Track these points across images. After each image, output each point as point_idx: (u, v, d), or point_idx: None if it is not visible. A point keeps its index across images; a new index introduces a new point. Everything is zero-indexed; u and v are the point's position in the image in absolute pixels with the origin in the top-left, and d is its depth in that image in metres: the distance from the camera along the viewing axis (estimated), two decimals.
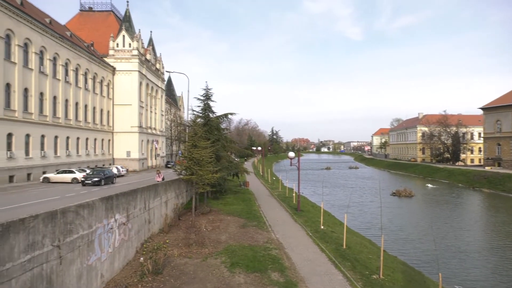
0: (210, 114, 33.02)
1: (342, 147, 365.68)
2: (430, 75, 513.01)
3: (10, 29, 35.74)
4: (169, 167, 66.82)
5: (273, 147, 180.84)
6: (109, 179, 36.07)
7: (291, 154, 31.53)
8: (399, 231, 31.46)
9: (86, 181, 33.30)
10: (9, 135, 35.35)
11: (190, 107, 68.12)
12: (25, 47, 38.41)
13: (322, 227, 23.22)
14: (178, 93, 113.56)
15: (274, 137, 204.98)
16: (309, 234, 21.21)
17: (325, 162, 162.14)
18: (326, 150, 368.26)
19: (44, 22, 42.64)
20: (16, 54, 36.57)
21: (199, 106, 32.82)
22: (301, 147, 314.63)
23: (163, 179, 30.08)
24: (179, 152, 70.07)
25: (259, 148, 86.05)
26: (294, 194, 35.68)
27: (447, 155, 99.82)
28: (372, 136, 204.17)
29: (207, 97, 32.95)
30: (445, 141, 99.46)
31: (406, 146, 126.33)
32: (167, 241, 17.57)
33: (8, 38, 35.67)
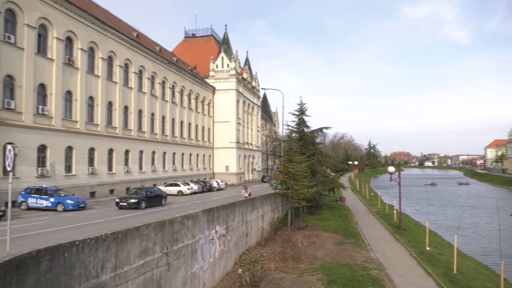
0: (305, 129, 33.07)
1: (449, 161, 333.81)
2: None
3: (128, 59, 40.71)
4: (265, 182, 68.28)
5: (371, 161, 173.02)
6: (154, 200, 28.37)
7: (391, 168, 29.78)
8: None
9: (121, 203, 25.95)
10: (126, 152, 39.87)
11: (285, 122, 69.28)
12: (140, 74, 43.31)
13: (427, 248, 21.34)
14: (273, 109, 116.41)
15: (372, 151, 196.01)
16: (413, 255, 19.64)
17: (430, 177, 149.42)
18: (430, 164, 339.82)
19: (155, 50, 47.70)
20: (133, 80, 41.44)
21: (293, 121, 33.16)
22: (401, 161, 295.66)
23: (249, 194, 30.25)
24: (275, 166, 71.35)
25: (356, 162, 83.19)
26: (395, 212, 33.53)
27: None
28: (485, 149, 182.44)
29: (301, 112, 33.13)
30: None
31: None
32: (264, 254, 17.85)
33: (126, 67, 40.67)
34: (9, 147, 11.76)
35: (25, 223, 18.61)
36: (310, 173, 27.52)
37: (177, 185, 40.86)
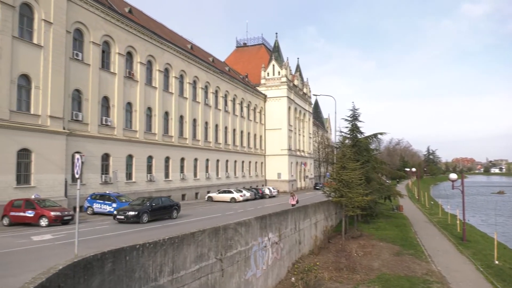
0: (358, 135, 32.24)
1: None
2: None
3: (183, 70, 42.39)
4: (317, 189, 67.31)
5: (430, 168, 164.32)
6: (162, 212, 23.86)
7: (453, 175, 28.04)
8: None
9: (118, 216, 21.72)
10: (182, 160, 41.33)
11: (338, 129, 67.97)
12: (194, 84, 44.86)
13: (496, 261, 19.75)
14: (325, 115, 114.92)
15: (430, 157, 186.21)
16: (480, 269, 18.27)
17: (497, 185, 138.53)
18: (497, 171, 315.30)
19: (208, 61, 49.23)
20: (187, 90, 43.04)
21: (346, 127, 32.47)
22: (464, 167, 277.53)
23: (297, 202, 29.58)
24: (327, 174, 70.20)
25: (413, 169, 79.40)
26: (458, 222, 31.47)
27: None
28: None
29: (354, 117, 32.37)
30: None
31: None
32: (317, 263, 17.56)
33: (181, 78, 42.36)
34: (77, 156, 12.71)
35: (91, 227, 19.89)
36: (365, 181, 26.72)
37: (230, 192, 41.54)
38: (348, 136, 32.03)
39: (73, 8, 27.91)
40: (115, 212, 22.42)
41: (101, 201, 26.21)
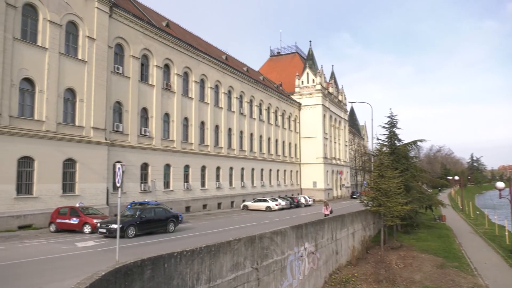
0: (397, 142, 31.38)
1: None
2: None
3: (218, 80, 43.14)
4: (354, 198, 65.89)
5: (474, 176, 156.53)
6: (154, 225, 20.97)
7: (500, 184, 26.55)
8: None
9: (100, 229, 19.19)
10: (217, 169, 41.84)
11: (375, 136, 66.58)
12: (229, 94, 45.51)
13: None
14: (361, 122, 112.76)
15: (474, 164, 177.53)
16: None
17: None
18: None
19: (242, 71, 49.85)
20: (223, 100, 43.72)
21: (384, 135, 31.73)
22: None
23: (331, 212, 28.77)
24: (364, 182, 68.60)
25: (456, 177, 75.97)
26: (506, 233, 29.69)
27: None
28: None
29: (392, 124, 31.56)
30: None
31: None
32: (356, 274, 17.13)
33: (216, 88, 43.12)
34: (118, 165, 13.21)
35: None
36: (404, 189, 25.89)
37: (265, 200, 41.51)
38: (386, 143, 31.25)
39: (114, 24, 29.26)
40: (98, 225, 19.57)
41: None
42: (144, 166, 31.66)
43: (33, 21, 23.31)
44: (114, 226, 18.12)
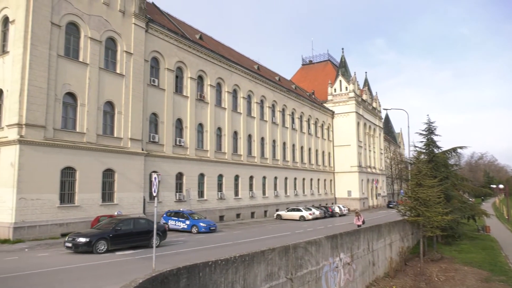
0: (435, 150, 30.30)
1: None
2: None
3: (251, 90, 43.54)
4: (391, 207, 64.02)
5: None
6: (133, 239, 18.63)
7: None
8: None
9: (67, 243, 17.00)
10: (251, 178, 41.99)
11: (411, 143, 64.60)
12: (261, 103, 45.76)
13: None
14: (396, 129, 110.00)
15: None
16: None
17: None
18: None
19: (274, 80, 50.07)
20: (255, 109, 44.01)
21: (421, 142, 30.73)
22: None
23: (363, 222, 27.76)
24: (401, 191, 66.51)
25: (501, 186, 72.15)
26: None
27: None
28: None
29: (430, 131, 30.54)
30: None
31: None
32: (394, 287, 16.57)
33: (249, 98, 43.50)
34: (154, 175, 13.57)
35: (167, 243, 20.87)
36: (444, 199, 24.86)
37: (299, 210, 41.13)
38: (424, 151, 30.24)
39: (150, 39, 30.32)
40: (66, 238, 17.64)
41: (176, 218, 27.50)
42: (179, 176, 32.29)
43: (76, 38, 24.59)
44: (82, 240, 16.60)
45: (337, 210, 47.05)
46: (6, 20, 23.40)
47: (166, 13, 38.32)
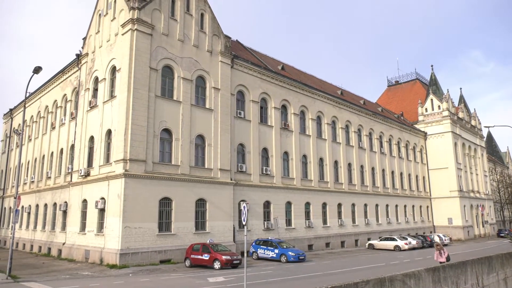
0: None
1: None
2: None
3: (335, 116, 43.06)
4: (502, 236, 56.65)
5: None
6: None
7: None
8: None
9: None
10: (339, 205, 40.76)
11: None
12: (346, 128, 44.84)
13: None
14: (502, 148, 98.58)
15: None
16: None
17: None
18: None
19: (359, 104, 48.91)
20: (340, 135, 43.25)
21: None
22: None
23: (447, 259, 21.30)
24: None
25: None
26: None
27: None
28: None
29: None
30: None
31: None
32: None
33: (333, 124, 42.99)
34: (243, 204, 13.99)
35: (256, 271, 21.05)
36: None
37: (393, 239, 38.55)
38: None
39: (235, 74, 32.07)
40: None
41: (265, 247, 27.66)
42: (266, 204, 32.68)
43: (170, 79, 27.08)
44: None
45: (436, 239, 43.01)
46: (113, 69, 26.79)
47: (249, 48, 40.30)
